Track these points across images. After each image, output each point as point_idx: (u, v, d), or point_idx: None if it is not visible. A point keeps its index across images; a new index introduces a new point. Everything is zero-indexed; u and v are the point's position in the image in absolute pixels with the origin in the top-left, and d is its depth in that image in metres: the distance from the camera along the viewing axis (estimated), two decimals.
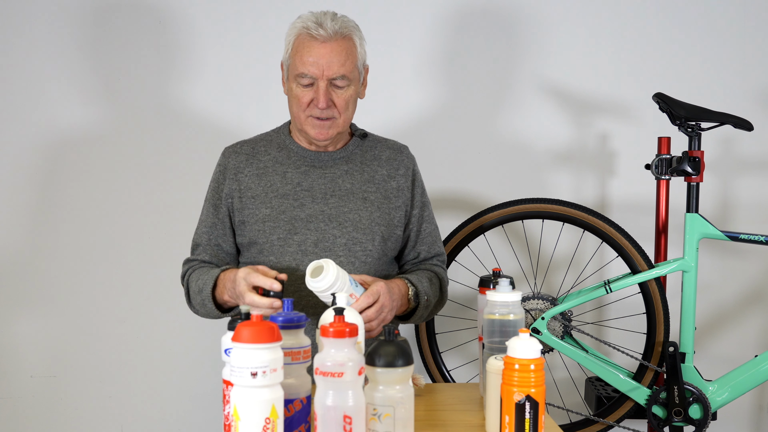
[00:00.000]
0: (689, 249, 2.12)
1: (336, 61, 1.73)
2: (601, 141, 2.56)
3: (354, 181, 1.85)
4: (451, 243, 2.23)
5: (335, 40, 1.74)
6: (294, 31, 1.77)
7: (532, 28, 2.53)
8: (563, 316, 2.19)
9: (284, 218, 1.80)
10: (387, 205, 1.85)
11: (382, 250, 1.83)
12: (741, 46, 2.55)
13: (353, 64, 1.77)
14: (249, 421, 1.11)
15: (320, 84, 1.74)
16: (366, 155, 1.89)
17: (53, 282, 2.49)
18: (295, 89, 1.78)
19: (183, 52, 2.47)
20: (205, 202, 1.91)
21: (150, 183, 2.49)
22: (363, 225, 1.81)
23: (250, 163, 1.86)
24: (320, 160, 1.86)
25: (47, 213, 2.48)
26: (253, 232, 1.81)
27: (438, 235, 1.97)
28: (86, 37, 2.46)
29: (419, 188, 1.93)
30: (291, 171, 1.84)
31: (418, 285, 1.78)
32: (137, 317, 2.50)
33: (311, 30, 1.73)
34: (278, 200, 1.81)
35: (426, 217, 1.93)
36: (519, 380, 1.24)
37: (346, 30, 1.76)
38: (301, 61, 1.74)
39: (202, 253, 1.87)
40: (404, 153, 1.94)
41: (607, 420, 2.20)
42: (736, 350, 2.57)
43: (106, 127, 2.47)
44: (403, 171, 1.90)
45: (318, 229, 1.79)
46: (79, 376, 2.50)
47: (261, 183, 1.84)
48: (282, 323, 1.26)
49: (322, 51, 1.73)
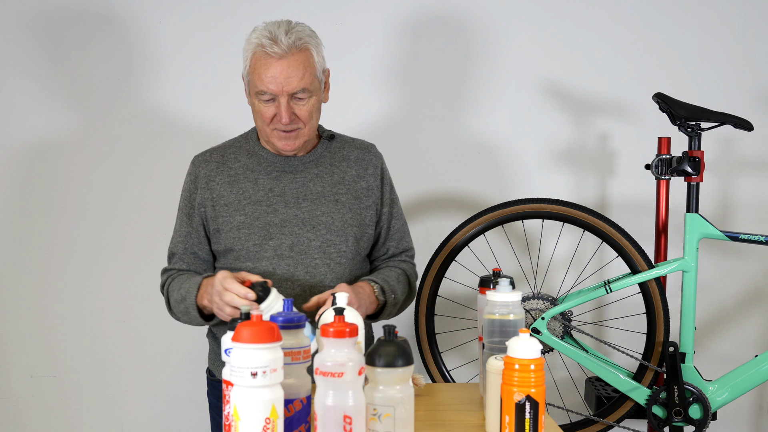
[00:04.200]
0: (689, 249, 2.12)
1: (294, 75, 1.72)
2: (601, 141, 2.56)
3: (324, 184, 1.87)
4: (451, 243, 2.23)
5: (291, 54, 1.72)
6: (250, 47, 1.76)
7: (532, 29, 2.53)
8: (563, 316, 2.19)
9: (258, 224, 1.81)
10: (358, 206, 1.88)
11: (355, 250, 1.85)
12: (741, 46, 2.55)
13: (312, 75, 1.76)
14: (249, 421, 1.11)
15: (281, 100, 1.74)
16: (335, 157, 1.91)
17: (53, 282, 2.49)
18: (258, 104, 1.78)
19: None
20: (179, 212, 1.91)
21: (149, 184, 2.49)
22: (336, 227, 1.83)
23: (221, 171, 1.87)
24: (290, 165, 1.87)
25: (47, 213, 2.48)
26: (228, 240, 1.82)
27: (406, 230, 2.00)
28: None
29: (388, 186, 1.95)
30: (262, 177, 1.86)
31: (382, 283, 1.80)
32: (137, 317, 2.51)
33: (266, 48, 1.71)
34: (251, 207, 1.83)
35: (395, 213, 1.96)
36: (519, 380, 1.24)
37: (301, 42, 1.73)
38: (260, 79, 1.73)
39: (179, 261, 1.89)
40: (372, 152, 1.95)
41: (607, 420, 2.20)
42: (736, 350, 2.57)
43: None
44: (372, 170, 1.92)
45: (292, 233, 1.81)
46: (79, 376, 2.50)
47: (233, 190, 1.85)
48: (282, 323, 1.26)
49: (278, 68, 1.72)
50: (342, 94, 2.22)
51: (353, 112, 2.47)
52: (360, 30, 2.49)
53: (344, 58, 2.42)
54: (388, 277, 1.84)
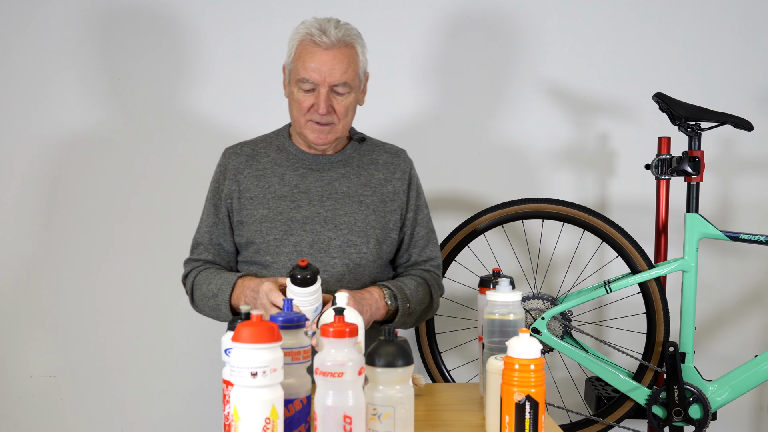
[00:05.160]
0: (689, 249, 2.12)
1: (338, 68, 1.75)
2: (601, 141, 2.56)
3: (350, 185, 1.86)
4: (450, 243, 2.23)
5: (338, 47, 1.75)
6: (297, 36, 1.79)
7: (532, 28, 2.53)
8: (563, 316, 2.19)
9: (281, 219, 1.81)
10: (383, 209, 1.87)
11: (376, 252, 1.84)
12: (741, 46, 2.55)
13: (354, 71, 1.79)
14: (249, 421, 1.11)
15: (321, 90, 1.76)
16: (363, 159, 1.91)
17: (53, 282, 2.49)
18: (296, 93, 1.79)
19: (188, 56, 2.48)
20: (206, 202, 1.92)
21: (149, 184, 2.49)
22: (358, 228, 1.82)
23: (250, 165, 1.88)
24: (318, 163, 1.87)
25: (46, 213, 2.47)
26: (250, 232, 1.82)
27: (432, 239, 1.96)
28: (92, 40, 2.46)
29: (415, 191, 1.93)
30: (289, 173, 1.86)
31: (395, 290, 1.77)
32: (137, 317, 2.50)
33: (315, 36, 1.75)
34: (275, 201, 1.83)
35: (420, 220, 1.93)
36: (519, 380, 1.24)
37: (348, 38, 1.77)
38: (303, 67, 1.76)
39: (204, 252, 1.89)
40: (401, 157, 1.95)
41: (607, 420, 2.20)
42: (736, 350, 2.57)
43: (109, 129, 2.47)
44: (400, 174, 1.91)
45: (314, 230, 1.81)
46: (79, 376, 2.50)
47: (259, 184, 1.85)
48: (282, 323, 1.26)
49: (324, 58, 1.75)
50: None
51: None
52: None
53: None
54: (404, 285, 1.81)
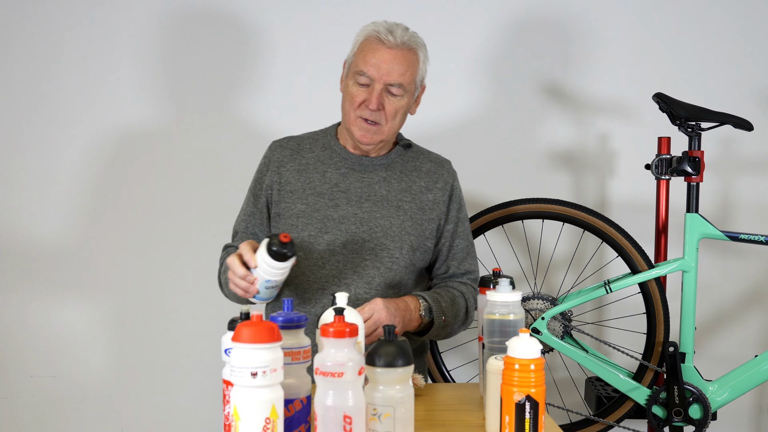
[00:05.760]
0: (689, 249, 2.12)
1: (397, 68, 1.78)
2: (601, 141, 2.56)
3: (390, 189, 1.87)
4: None
5: (401, 49, 1.79)
6: (364, 32, 1.82)
7: (532, 28, 2.53)
8: (563, 316, 2.19)
9: (317, 216, 1.82)
10: (420, 216, 1.86)
11: (409, 259, 1.83)
12: (741, 46, 2.56)
13: (412, 76, 1.81)
14: (249, 421, 1.11)
15: (376, 86, 1.78)
16: (407, 165, 1.91)
17: (53, 282, 2.49)
18: (351, 87, 1.81)
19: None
20: (248, 192, 1.95)
21: (148, 185, 2.49)
22: (393, 232, 1.82)
23: (294, 159, 1.90)
24: (361, 164, 1.88)
25: (47, 212, 2.48)
26: (286, 226, 1.84)
27: (471, 252, 1.95)
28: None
29: (456, 203, 1.93)
30: (331, 171, 1.88)
31: (432, 302, 1.76)
32: (137, 317, 2.50)
33: (381, 34, 1.78)
34: (314, 198, 1.84)
35: (460, 233, 1.92)
36: (519, 380, 1.24)
37: (413, 43, 1.81)
38: (363, 60, 1.78)
39: (239, 240, 1.91)
40: (445, 167, 1.95)
41: (607, 420, 2.20)
42: (736, 350, 2.57)
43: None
44: (442, 185, 1.91)
45: (348, 230, 1.81)
46: (79, 376, 2.50)
47: (300, 179, 1.87)
48: (282, 323, 1.26)
49: (386, 56, 1.78)
50: None
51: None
52: None
53: None
54: (440, 298, 1.80)
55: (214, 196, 2.49)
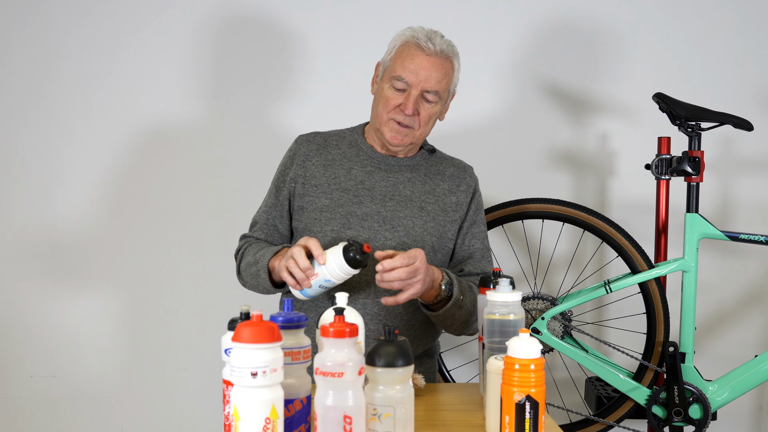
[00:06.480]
0: (689, 249, 2.12)
1: (434, 76, 1.80)
2: (601, 141, 2.56)
3: (414, 190, 1.88)
4: None
5: (439, 57, 1.81)
6: (402, 37, 1.83)
7: (531, 31, 2.53)
8: (563, 316, 2.19)
9: (341, 212, 1.83)
10: (443, 218, 1.87)
11: (430, 260, 1.82)
12: (741, 46, 2.56)
13: (447, 84, 1.84)
14: (249, 421, 1.11)
15: (413, 92, 1.80)
16: (431, 169, 1.93)
17: (53, 282, 2.49)
18: (386, 90, 1.82)
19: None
20: (271, 184, 1.96)
21: (148, 186, 2.49)
22: (415, 232, 1.83)
23: (320, 154, 1.91)
24: (386, 164, 1.89)
25: (47, 212, 2.48)
26: (309, 220, 1.85)
27: (487, 256, 1.95)
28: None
29: (475, 206, 1.94)
30: (356, 168, 1.89)
31: (454, 280, 1.75)
32: (137, 317, 2.51)
33: (420, 41, 1.80)
34: (339, 193, 1.85)
35: (476, 234, 1.93)
36: (519, 380, 1.24)
37: (450, 52, 1.83)
38: (402, 66, 1.80)
39: (258, 231, 1.92)
40: (468, 172, 1.96)
41: (607, 420, 2.20)
42: (736, 350, 2.57)
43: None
44: (465, 188, 1.92)
45: (371, 228, 1.82)
46: (79, 376, 2.50)
47: (326, 173, 1.88)
48: (282, 323, 1.26)
49: (424, 63, 1.79)
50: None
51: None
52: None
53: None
54: (462, 282, 1.79)
55: (214, 199, 2.49)
